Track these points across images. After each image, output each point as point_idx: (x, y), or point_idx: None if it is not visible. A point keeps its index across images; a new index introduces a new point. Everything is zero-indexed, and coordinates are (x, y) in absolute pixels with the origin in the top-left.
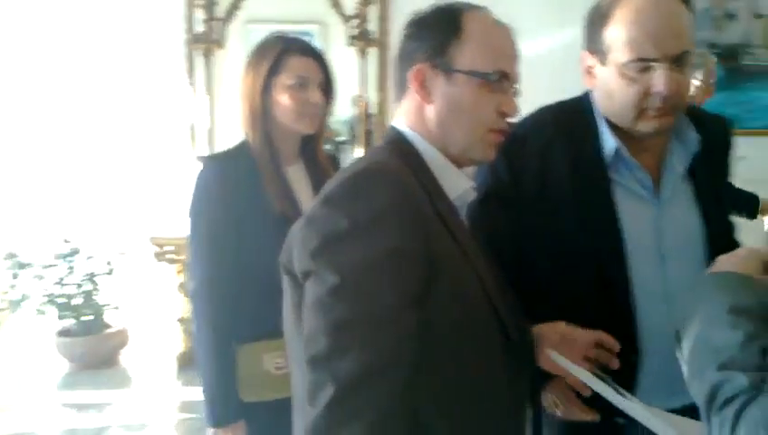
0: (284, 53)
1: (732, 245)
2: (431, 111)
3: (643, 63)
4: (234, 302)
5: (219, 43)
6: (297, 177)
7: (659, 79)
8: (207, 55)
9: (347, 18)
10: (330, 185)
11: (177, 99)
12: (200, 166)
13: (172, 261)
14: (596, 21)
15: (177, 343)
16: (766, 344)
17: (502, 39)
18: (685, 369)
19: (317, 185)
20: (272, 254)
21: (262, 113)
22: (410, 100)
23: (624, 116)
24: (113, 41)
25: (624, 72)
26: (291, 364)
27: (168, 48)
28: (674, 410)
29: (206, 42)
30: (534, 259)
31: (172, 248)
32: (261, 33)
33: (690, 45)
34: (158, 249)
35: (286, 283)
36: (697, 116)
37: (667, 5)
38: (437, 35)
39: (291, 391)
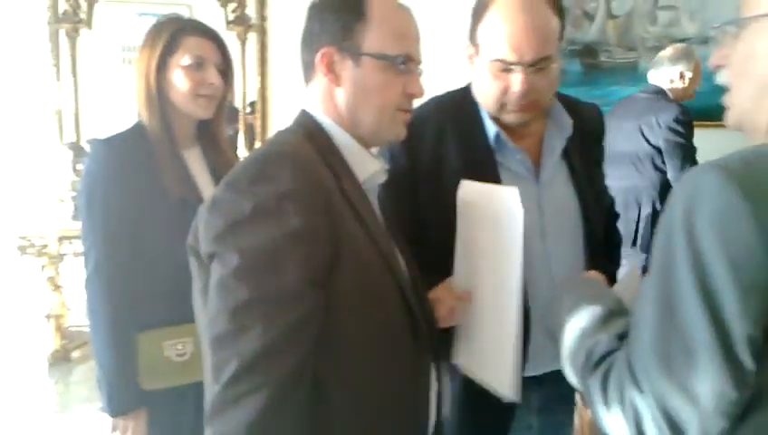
0: (180, 32)
1: (604, 223)
2: (340, 94)
3: (502, 65)
4: (131, 288)
5: (87, 22)
6: (194, 160)
7: (515, 81)
8: (72, 36)
9: (224, 2)
10: (235, 168)
11: (40, 82)
12: (69, 153)
13: (39, 254)
14: (475, 14)
15: (48, 340)
16: (626, 323)
17: (405, 21)
18: (566, 365)
19: (215, 169)
20: (171, 239)
21: (157, 94)
22: (318, 82)
23: (490, 106)
24: None
25: (489, 69)
26: (202, 347)
27: (30, 27)
28: (554, 373)
29: (71, 21)
30: (432, 236)
31: (40, 242)
32: (124, 14)
33: (550, 50)
34: (23, 242)
35: (193, 266)
36: (571, 103)
37: (531, 12)
38: (341, 18)
39: (197, 375)
